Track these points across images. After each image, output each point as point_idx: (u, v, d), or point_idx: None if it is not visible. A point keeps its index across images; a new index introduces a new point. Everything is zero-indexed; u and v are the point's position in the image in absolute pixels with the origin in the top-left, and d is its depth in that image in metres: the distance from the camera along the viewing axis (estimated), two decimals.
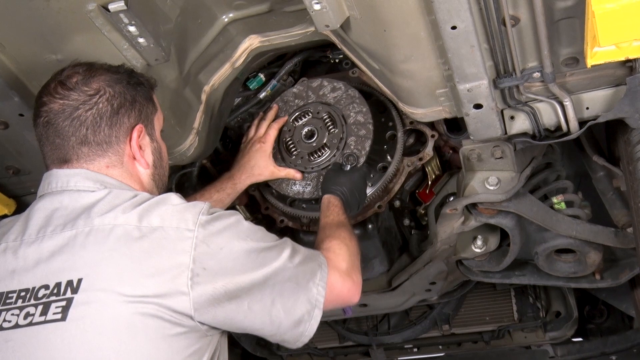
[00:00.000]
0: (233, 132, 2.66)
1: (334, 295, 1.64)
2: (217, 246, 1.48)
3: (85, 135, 1.59)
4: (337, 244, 1.77)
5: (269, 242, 1.58)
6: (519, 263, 2.50)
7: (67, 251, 1.51)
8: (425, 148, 2.42)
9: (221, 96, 2.32)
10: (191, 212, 1.51)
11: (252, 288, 1.50)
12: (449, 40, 1.64)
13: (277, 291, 1.53)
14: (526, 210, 2.18)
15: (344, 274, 1.68)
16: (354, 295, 1.70)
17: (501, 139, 2.04)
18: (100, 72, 1.64)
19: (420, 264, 2.57)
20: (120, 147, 1.63)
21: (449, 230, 2.33)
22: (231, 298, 1.48)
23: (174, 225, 1.48)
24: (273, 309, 1.53)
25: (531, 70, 1.76)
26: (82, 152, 1.60)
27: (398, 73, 1.89)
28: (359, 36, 1.88)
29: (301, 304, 1.56)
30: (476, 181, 2.15)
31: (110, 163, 1.62)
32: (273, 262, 1.53)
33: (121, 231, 1.48)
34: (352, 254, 1.78)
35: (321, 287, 1.58)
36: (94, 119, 1.59)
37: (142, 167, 1.68)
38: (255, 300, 1.50)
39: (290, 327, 1.56)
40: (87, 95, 1.60)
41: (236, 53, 2.24)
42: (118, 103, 1.62)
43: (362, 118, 2.36)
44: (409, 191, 2.59)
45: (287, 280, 1.54)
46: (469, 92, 1.78)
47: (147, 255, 1.45)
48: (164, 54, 1.86)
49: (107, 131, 1.61)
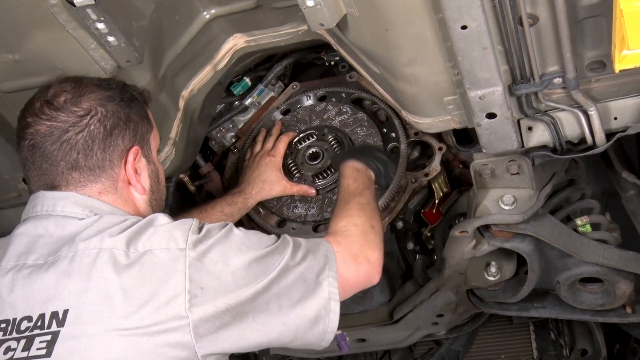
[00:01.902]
0: (215, 143, 2.66)
1: (350, 283, 1.69)
2: (211, 262, 1.50)
3: (76, 160, 1.62)
4: (345, 224, 1.81)
5: (267, 245, 1.61)
6: (538, 293, 2.48)
7: (50, 279, 1.52)
8: (432, 162, 2.42)
9: (201, 102, 2.31)
10: (180, 230, 1.54)
11: (256, 299, 1.53)
12: (458, 41, 1.64)
13: (285, 294, 1.56)
14: (546, 233, 2.17)
15: (356, 257, 1.71)
16: (373, 276, 1.75)
17: (517, 153, 2.03)
18: (90, 89, 1.67)
19: (425, 293, 2.56)
20: (115, 172, 1.66)
21: (458, 255, 2.31)
22: (235, 315, 1.50)
23: (163, 246, 1.51)
24: (284, 314, 1.56)
25: (551, 75, 1.76)
26: (73, 178, 1.63)
27: (401, 78, 1.89)
28: (357, 36, 1.88)
29: (314, 301, 1.59)
30: (489, 200, 2.14)
31: (103, 189, 1.65)
32: (275, 267, 1.56)
33: (108, 256, 1.50)
34: (365, 229, 1.80)
35: (332, 277, 1.62)
36: (86, 142, 1.62)
37: (139, 193, 1.71)
38: (260, 310, 1.53)
39: (308, 326, 1.59)
40: (77, 117, 1.62)
41: (219, 54, 2.24)
42: (111, 124, 1.65)
43: (371, 140, 2.41)
44: (414, 211, 2.57)
45: (293, 281, 1.58)
46: (481, 100, 1.78)
47: (139, 282, 1.47)
48: (137, 54, 1.86)
49: (100, 155, 1.64)
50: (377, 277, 1.76)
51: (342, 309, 2.68)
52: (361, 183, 2.04)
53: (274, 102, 2.64)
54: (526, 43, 1.67)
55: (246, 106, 2.60)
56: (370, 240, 1.79)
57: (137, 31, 1.86)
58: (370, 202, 1.96)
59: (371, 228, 1.84)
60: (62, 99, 1.64)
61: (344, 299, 1.67)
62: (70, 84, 1.67)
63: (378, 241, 1.82)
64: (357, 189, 2.01)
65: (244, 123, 2.65)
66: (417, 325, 2.72)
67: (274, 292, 1.55)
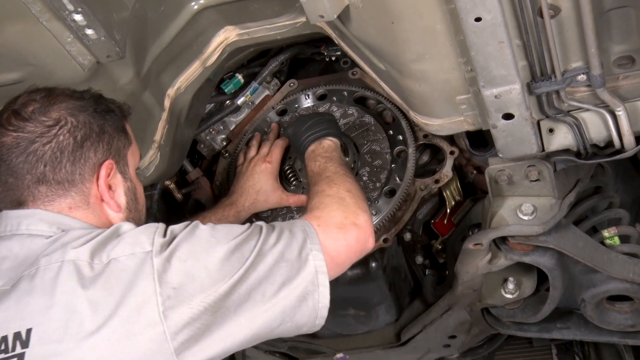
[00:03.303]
0: (204, 147, 2.66)
1: (342, 255, 1.73)
2: (180, 259, 1.53)
3: (44, 173, 1.64)
4: (319, 199, 1.86)
5: (237, 234, 1.63)
6: (561, 313, 2.48)
7: (11, 298, 1.52)
8: (443, 168, 2.42)
9: (189, 102, 2.32)
10: (145, 234, 1.57)
11: (234, 291, 1.55)
12: (472, 35, 1.64)
13: (266, 280, 1.59)
14: (569, 246, 2.16)
15: (341, 225, 1.76)
16: (366, 239, 1.78)
17: (537, 157, 2.03)
18: (61, 99, 1.70)
19: (436, 312, 2.56)
20: (86, 187, 1.69)
21: (472, 270, 2.31)
22: (215, 313, 1.51)
23: (128, 252, 1.53)
24: (268, 300, 1.58)
25: (575, 72, 1.76)
26: (40, 192, 1.65)
27: (409, 75, 1.89)
28: (360, 29, 1.88)
29: (299, 278, 1.62)
30: (506, 209, 2.14)
31: (73, 204, 1.67)
32: (250, 254, 1.59)
33: (71, 268, 1.51)
34: (341, 196, 1.86)
35: (315, 250, 1.66)
36: (54, 153, 1.64)
37: (112, 210, 1.73)
38: (242, 302, 1.55)
39: (296, 305, 1.61)
40: (44, 127, 1.65)
41: (208, 48, 2.24)
42: (82, 135, 1.68)
43: (378, 147, 2.41)
44: (423, 221, 2.58)
45: (272, 264, 1.61)
46: (497, 99, 1.78)
47: (105, 292, 1.48)
48: (118, 49, 1.86)
49: (70, 168, 1.66)
50: (371, 240, 1.80)
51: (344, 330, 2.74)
52: (321, 159, 2.09)
53: (269, 101, 2.63)
54: (547, 36, 1.67)
55: (238, 106, 2.59)
56: (351, 204, 1.83)
57: (118, 23, 1.86)
58: (336, 171, 2.00)
59: (347, 192, 1.88)
60: (31, 108, 1.66)
61: (340, 273, 1.73)
62: (40, 94, 1.70)
63: (360, 203, 1.86)
64: (319, 167, 2.06)
65: (236, 124, 2.65)
66: (427, 348, 2.73)
67: (254, 280, 1.57)
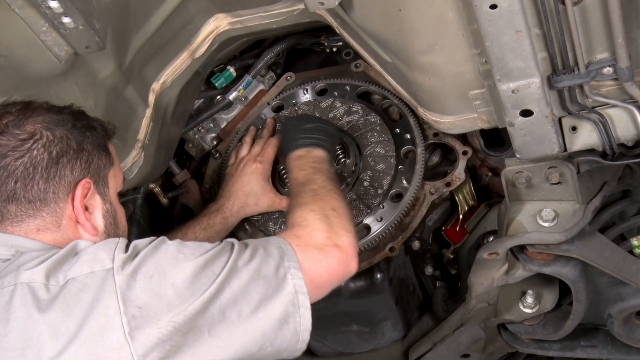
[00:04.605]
0: (192, 147, 2.66)
1: (322, 278, 1.74)
2: (145, 276, 1.54)
3: (14, 190, 1.66)
4: (300, 213, 1.87)
5: (207, 251, 1.64)
6: (585, 329, 2.48)
7: None
8: (455, 169, 2.42)
9: (176, 97, 2.32)
10: (104, 250, 1.58)
11: (207, 309, 1.55)
12: (487, 24, 1.64)
13: (242, 298, 1.60)
14: (595, 255, 2.16)
15: (322, 247, 1.77)
16: (348, 263, 1.80)
17: (559, 158, 2.04)
18: (38, 112, 1.73)
19: (447, 329, 2.56)
20: (59, 207, 1.70)
21: (487, 282, 2.31)
22: (186, 333, 1.51)
23: (86, 270, 1.54)
24: (246, 320, 1.59)
25: (600, 64, 1.75)
26: (9, 212, 1.67)
27: (417, 68, 1.89)
28: (364, 17, 1.88)
29: (278, 298, 1.64)
30: (525, 215, 2.14)
31: (42, 226, 1.69)
32: (222, 269, 1.60)
33: (25, 291, 1.53)
34: (325, 213, 1.87)
35: (293, 268, 1.67)
36: (26, 169, 1.66)
37: (88, 233, 1.73)
38: (216, 322, 1.56)
39: (277, 328, 1.63)
40: (18, 140, 1.67)
41: (197, 39, 2.25)
42: (58, 150, 1.70)
43: (383, 149, 2.41)
44: (433, 228, 2.58)
45: (248, 280, 1.62)
46: (514, 94, 1.78)
47: (64, 315, 1.49)
48: (98, 39, 1.86)
49: (43, 185, 1.68)
50: (353, 264, 1.80)
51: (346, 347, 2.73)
52: (309, 168, 2.10)
53: (264, 96, 2.64)
54: (569, 25, 1.66)
55: (230, 102, 2.59)
56: (335, 223, 1.84)
57: (98, 11, 1.86)
58: (324, 185, 2.01)
59: (332, 210, 1.89)
60: (5, 121, 1.69)
61: (320, 297, 1.73)
62: (16, 106, 1.72)
63: (345, 223, 1.87)
64: (305, 177, 2.07)
65: (228, 122, 2.66)
66: None
67: (228, 298, 1.58)
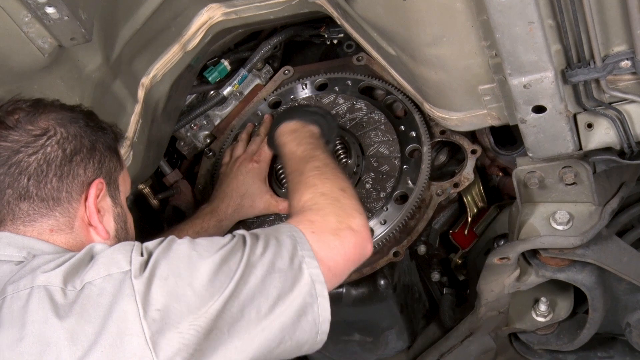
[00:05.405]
0: (184, 145, 2.66)
1: (340, 265, 1.77)
2: (161, 278, 1.55)
3: (26, 188, 1.68)
4: (310, 196, 1.89)
5: (221, 246, 1.67)
6: (602, 339, 2.49)
7: None
8: (463, 169, 2.41)
9: (167, 92, 2.32)
10: (121, 253, 1.60)
11: (226, 309, 1.57)
12: (497, 14, 1.64)
13: (260, 294, 1.62)
14: (612, 260, 2.16)
15: (337, 231, 1.79)
16: (364, 246, 1.83)
17: (574, 157, 2.04)
18: (50, 108, 1.76)
19: (455, 338, 2.56)
20: (72, 207, 1.72)
21: (497, 288, 2.31)
22: (207, 336, 1.54)
23: (103, 274, 1.55)
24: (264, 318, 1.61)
25: (618, 57, 1.75)
26: (21, 210, 1.69)
27: (423, 61, 1.89)
28: (367, 8, 1.88)
29: (295, 290, 1.66)
30: (537, 218, 2.14)
31: (55, 226, 1.71)
32: (238, 266, 1.62)
33: (42, 294, 1.54)
34: (336, 196, 1.90)
35: (308, 257, 1.70)
36: (39, 166, 1.68)
37: (100, 237, 1.75)
38: (235, 321, 1.58)
39: (295, 320, 1.65)
40: (31, 136, 1.70)
41: (189, 30, 2.25)
42: (72, 148, 1.72)
43: (387, 150, 2.41)
44: (440, 231, 2.58)
45: (264, 275, 1.64)
46: (526, 89, 1.78)
47: (83, 320, 1.50)
48: (84, 30, 1.85)
49: (56, 184, 1.70)
50: (369, 247, 1.84)
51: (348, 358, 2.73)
52: (307, 144, 2.10)
53: (260, 91, 2.63)
54: (584, 15, 1.66)
55: (224, 97, 2.59)
56: (347, 205, 1.87)
57: (84, 1, 1.85)
58: (327, 163, 2.02)
59: (342, 192, 1.91)
60: (16, 116, 1.71)
61: (337, 285, 1.77)
62: (27, 102, 1.75)
63: (355, 204, 1.89)
64: (305, 152, 2.07)
65: (222, 119, 2.66)
66: None
67: (247, 295, 1.60)
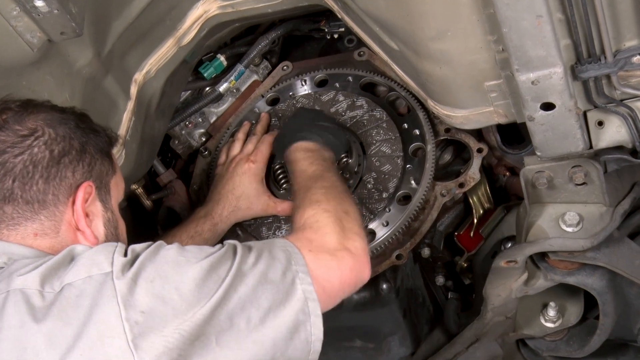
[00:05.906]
0: (179, 143, 2.67)
1: (335, 287, 1.78)
2: (147, 280, 1.56)
3: (11, 189, 1.69)
4: (313, 212, 1.92)
5: (210, 254, 1.67)
6: (614, 345, 2.48)
7: None
8: (469, 169, 2.41)
9: (160, 89, 2.32)
10: (103, 254, 1.61)
11: (214, 316, 1.58)
12: (504, 8, 1.64)
13: (250, 304, 1.63)
14: (624, 263, 2.16)
15: (335, 252, 1.81)
16: (361, 270, 1.84)
17: (584, 156, 2.03)
18: (39, 109, 1.77)
19: (461, 345, 2.56)
20: (59, 210, 1.73)
21: (504, 293, 2.31)
22: (193, 342, 1.53)
23: (83, 275, 1.56)
24: (255, 329, 1.61)
25: (629, 52, 1.75)
26: (5, 213, 1.70)
27: (427, 56, 1.89)
28: (369, 1, 1.88)
29: (288, 305, 1.67)
30: (546, 219, 2.14)
31: (40, 230, 1.71)
32: (228, 273, 1.63)
33: (19, 298, 1.55)
34: (338, 215, 1.92)
35: (302, 272, 1.71)
36: (25, 167, 1.69)
37: (88, 241, 1.75)
38: (224, 330, 1.58)
39: (288, 337, 1.65)
40: (18, 136, 1.71)
41: (184, 24, 2.25)
42: (60, 149, 1.73)
43: (389, 149, 2.41)
44: (444, 233, 2.58)
45: (255, 285, 1.65)
46: (534, 86, 1.77)
47: (61, 323, 1.51)
48: (74, 24, 1.85)
49: (42, 186, 1.71)
50: (366, 272, 1.85)
51: None
52: (319, 165, 2.13)
53: (258, 88, 2.63)
54: (595, 9, 1.66)
55: (220, 93, 2.59)
56: (348, 227, 1.89)
57: None
58: (336, 185, 2.04)
59: (345, 214, 1.93)
60: (4, 116, 1.73)
61: (331, 307, 1.76)
62: (16, 103, 1.75)
63: (357, 228, 1.92)
64: (315, 172, 2.09)
65: (218, 116, 2.66)
66: None
67: (236, 303, 1.60)
